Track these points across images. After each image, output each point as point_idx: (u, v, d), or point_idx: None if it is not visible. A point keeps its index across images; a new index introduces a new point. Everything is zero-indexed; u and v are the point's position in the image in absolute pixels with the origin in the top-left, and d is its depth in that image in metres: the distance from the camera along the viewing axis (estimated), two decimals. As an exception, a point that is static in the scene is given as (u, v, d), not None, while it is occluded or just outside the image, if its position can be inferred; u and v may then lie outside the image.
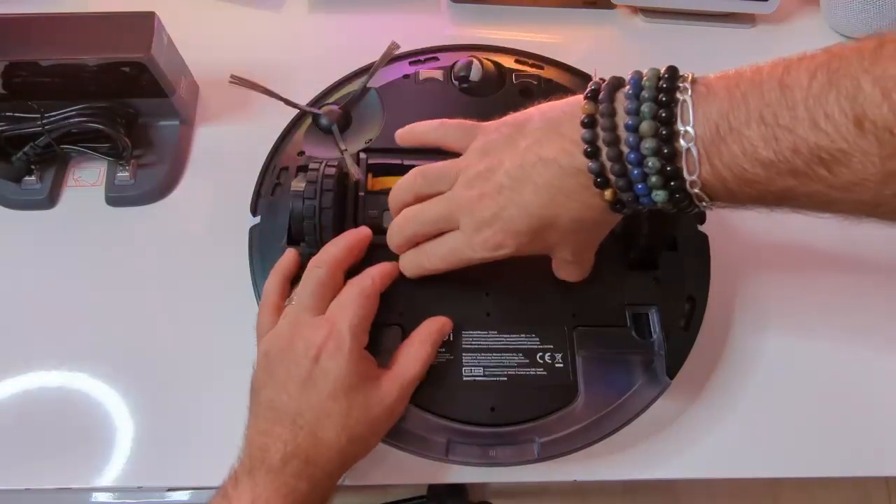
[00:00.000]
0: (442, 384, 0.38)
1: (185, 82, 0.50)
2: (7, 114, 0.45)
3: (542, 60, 0.51)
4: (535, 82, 0.49)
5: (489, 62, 0.48)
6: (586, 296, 0.41)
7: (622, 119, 0.28)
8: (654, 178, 0.28)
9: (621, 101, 0.29)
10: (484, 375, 0.38)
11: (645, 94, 0.28)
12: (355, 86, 0.49)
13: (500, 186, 0.33)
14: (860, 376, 0.45)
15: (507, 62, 0.50)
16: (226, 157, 0.50)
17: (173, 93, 0.47)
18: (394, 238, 0.38)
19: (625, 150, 0.28)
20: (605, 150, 0.29)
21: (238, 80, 0.46)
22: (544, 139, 0.31)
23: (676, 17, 0.60)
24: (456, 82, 0.48)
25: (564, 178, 0.31)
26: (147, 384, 0.43)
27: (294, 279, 0.39)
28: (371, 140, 0.45)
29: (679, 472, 0.42)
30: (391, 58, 0.50)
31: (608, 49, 0.59)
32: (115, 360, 0.43)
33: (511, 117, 0.35)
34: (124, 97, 0.47)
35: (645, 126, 0.27)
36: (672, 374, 0.39)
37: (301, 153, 0.45)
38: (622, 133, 0.28)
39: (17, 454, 0.41)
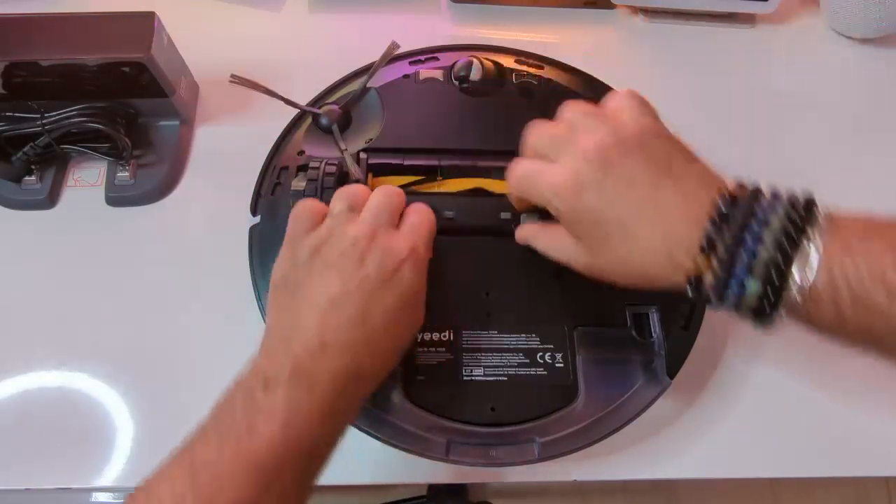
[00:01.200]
0: (442, 384, 0.38)
1: (185, 82, 0.50)
2: (7, 114, 0.45)
3: (542, 60, 0.51)
4: (535, 82, 0.49)
5: (489, 62, 0.48)
6: (586, 296, 0.41)
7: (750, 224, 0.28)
8: (759, 267, 0.27)
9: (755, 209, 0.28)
10: (484, 375, 0.38)
11: (776, 222, 0.27)
12: (355, 86, 0.49)
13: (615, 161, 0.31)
14: (860, 376, 0.45)
15: (507, 62, 0.50)
16: (226, 157, 0.50)
17: (173, 93, 0.47)
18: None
19: (747, 238, 0.28)
20: (724, 238, 0.28)
21: (238, 80, 0.46)
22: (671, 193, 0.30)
23: (676, 17, 0.60)
24: (456, 82, 0.48)
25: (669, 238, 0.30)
26: (147, 384, 0.43)
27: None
28: (371, 140, 0.45)
29: (679, 472, 0.42)
30: (391, 58, 0.50)
31: (608, 49, 0.59)
32: (115, 360, 0.43)
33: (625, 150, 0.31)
34: (124, 97, 0.47)
35: (770, 234, 0.27)
36: (672, 374, 0.39)
37: (301, 153, 0.45)
38: (746, 234, 0.28)
39: (17, 454, 0.41)
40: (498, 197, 0.44)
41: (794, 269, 0.26)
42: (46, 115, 0.45)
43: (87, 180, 0.49)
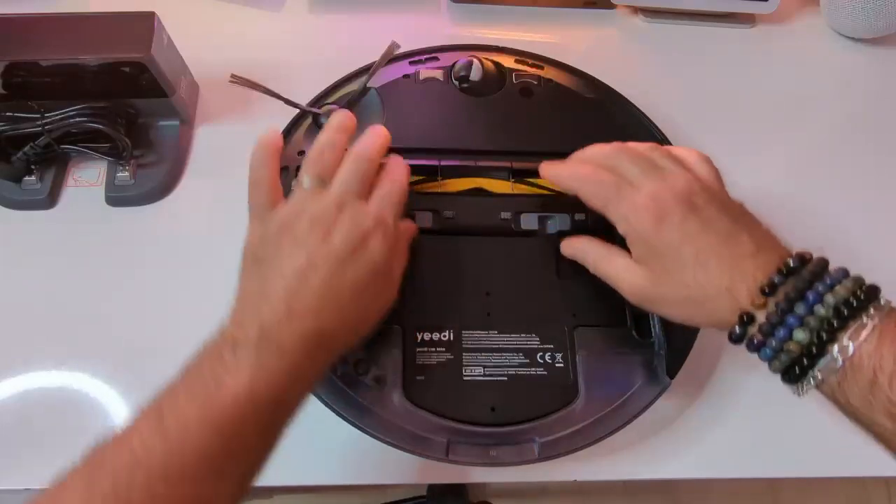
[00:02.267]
0: (442, 384, 0.38)
1: (185, 82, 0.50)
2: (7, 114, 0.45)
3: (542, 60, 0.51)
4: (535, 82, 0.49)
5: (489, 62, 0.48)
6: (586, 296, 0.41)
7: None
8: (813, 321, 0.28)
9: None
10: (484, 375, 0.38)
11: (841, 290, 0.29)
12: (355, 86, 0.49)
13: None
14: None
15: (507, 62, 0.50)
16: (226, 157, 0.50)
17: (173, 93, 0.47)
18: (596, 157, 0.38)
19: (809, 295, 0.29)
20: (787, 287, 0.30)
21: (238, 80, 0.46)
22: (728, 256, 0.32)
23: (676, 17, 0.60)
24: (456, 82, 0.48)
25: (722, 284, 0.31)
26: (147, 384, 0.43)
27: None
28: (371, 140, 0.45)
29: (679, 472, 0.42)
30: (391, 58, 0.50)
31: (608, 49, 0.59)
32: (115, 360, 0.43)
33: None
34: (124, 97, 0.47)
35: (832, 297, 0.29)
36: (672, 374, 0.39)
37: (301, 153, 0.45)
38: (808, 291, 0.29)
39: (17, 454, 0.41)
40: (498, 197, 0.44)
41: (845, 335, 0.28)
42: (46, 115, 0.45)
43: (87, 180, 0.49)
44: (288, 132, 0.47)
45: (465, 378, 0.38)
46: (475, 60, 0.47)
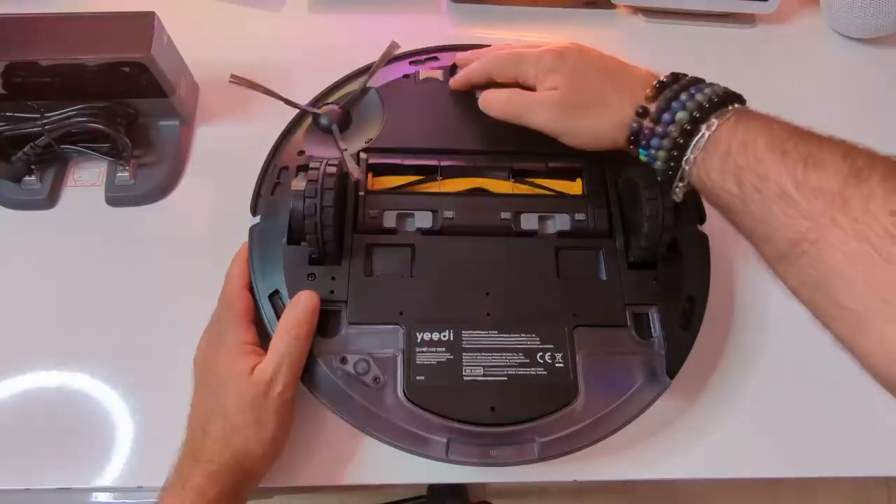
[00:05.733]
0: (442, 384, 0.38)
1: (185, 82, 0.50)
2: (7, 114, 0.45)
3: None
4: (535, 82, 0.49)
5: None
6: (586, 296, 0.41)
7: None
8: (691, 105, 0.35)
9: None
10: (484, 375, 0.38)
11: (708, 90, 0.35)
12: (355, 86, 0.49)
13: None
14: (860, 376, 0.44)
15: (507, 62, 0.50)
16: (226, 157, 0.50)
17: (173, 93, 0.47)
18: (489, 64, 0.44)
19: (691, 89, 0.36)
20: (672, 87, 0.36)
21: (238, 80, 0.46)
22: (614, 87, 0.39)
23: (676, 17, 0.60)
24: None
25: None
26: (147, 384, 0.43)
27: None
28: (371, 140, 0.45)
29: (679, 472, 0.42)
30: (391, 58, 0.50)
31: (608, 49, 0.59)
32: (115, 360, 0.43)
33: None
34: (124, 97, 0.47)
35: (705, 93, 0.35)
36: (672, 374, 0.39)
37: (301, 153, 0.45)
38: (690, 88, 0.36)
39: (17, 454, 0.41)
40: (498, 197, 0.44)
41: (713, 116, 0.34)
42: (46, 115, 0.45)
43: (87, 180, 0.49)
44: (288, 132, 0.47)
45: (465, 378, 0.38)
46: None
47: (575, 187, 0.45)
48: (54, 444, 0.41)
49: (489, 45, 0.51)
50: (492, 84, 0.44)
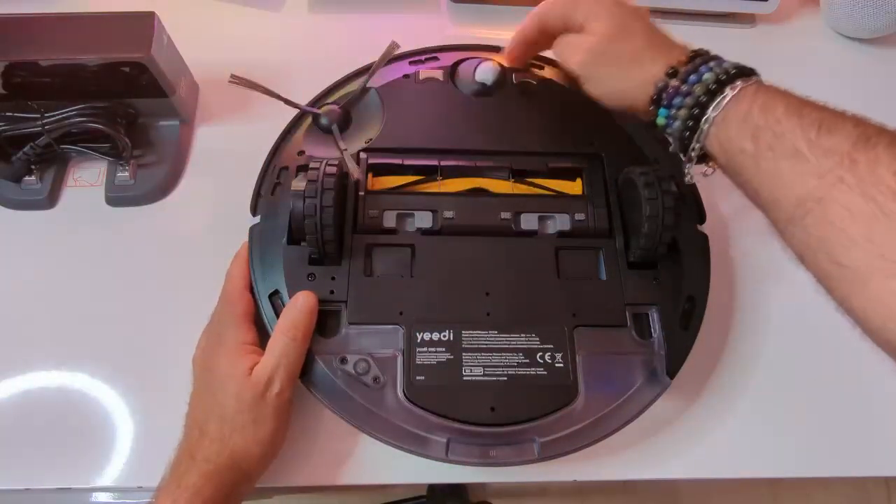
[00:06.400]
0: (442, 384, 0.38)
1: (185, 82, 0.50)
2: (7, 114, 0.45)
3: (542, 60, 0.51)
4: (535, 82, 0.49)
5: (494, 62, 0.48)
6: (586, 296, 0.41)
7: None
8: (717, 68, 0.36)
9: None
10: (484, 375, 0.38)
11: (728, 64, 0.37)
12: (355, 86, 0.49)
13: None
14: (860, 376, 0.45)
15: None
16: (226, 157, 0.50)
17: (173, 93, 0.47)
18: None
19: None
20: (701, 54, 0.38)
21: (238, 80, 0.46)
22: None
23: (676, 17, 0.60)
24: (476, 86, 0.48)
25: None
26: (147, 384, 0.43)
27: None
28: (371, 140, 0.45)
29: (679, 472, 0.42)
30: (391, 58, 0.50)
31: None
32: (115, 360, 0.43)
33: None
34: (124, 97, 0.47)
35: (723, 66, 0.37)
36: (672, 374, 0.39)
37: (301, 153, 0.45)
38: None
39: (17, 454, 0.41)
40: (498, 197, 0.44)
41: (738, 80, 0.35)
42: (46, 115, 0.45)
43: (87, 180, 0.49)
44: (288, 132, 0.47)
45: (465, 378, 0.38)
46: (492, 63, 0.47)
47: (575, 187, 0.45)
48: (54, 444, 0.41)
49: (489, 45, 0.51)
50: (543, 37, 0.44)
